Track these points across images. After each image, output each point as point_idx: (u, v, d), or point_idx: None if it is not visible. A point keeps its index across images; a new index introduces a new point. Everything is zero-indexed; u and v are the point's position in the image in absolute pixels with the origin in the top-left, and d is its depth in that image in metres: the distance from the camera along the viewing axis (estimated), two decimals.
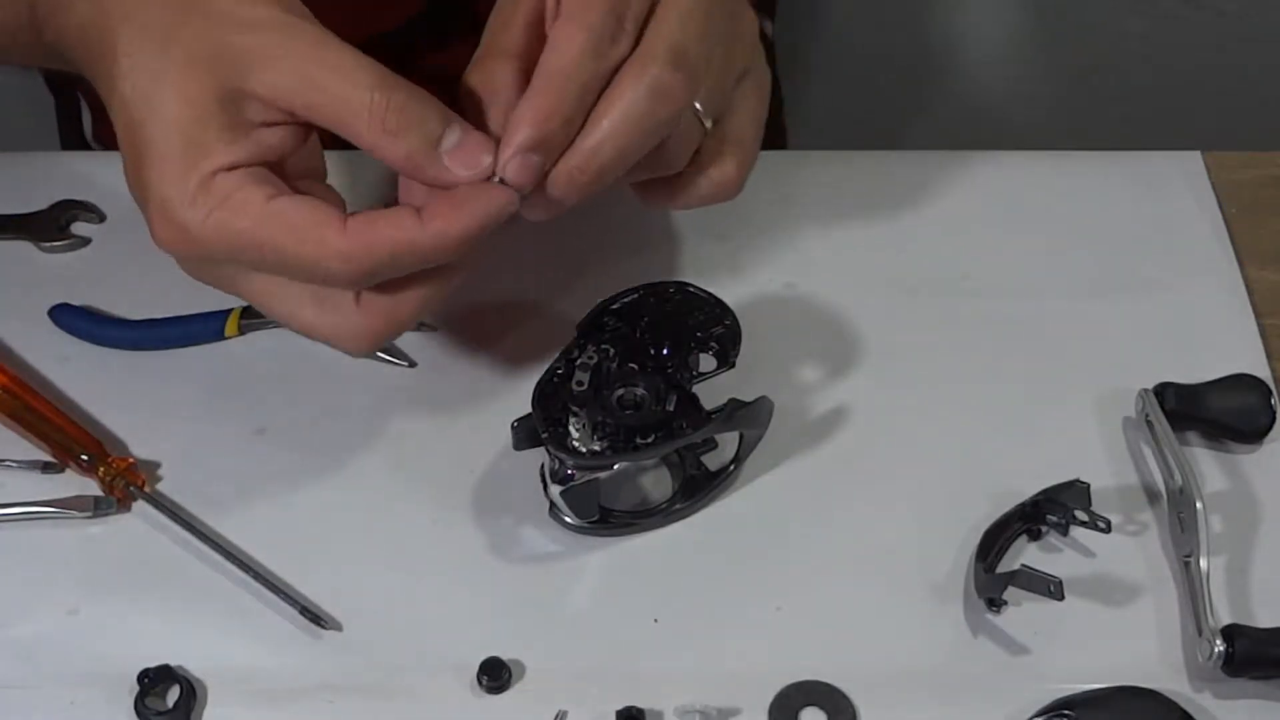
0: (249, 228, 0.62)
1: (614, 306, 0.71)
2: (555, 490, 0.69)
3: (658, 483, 0.73)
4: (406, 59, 0.83)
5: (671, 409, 0.68)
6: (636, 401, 0.68)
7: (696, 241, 0.82)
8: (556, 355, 0.70)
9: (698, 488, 0.72)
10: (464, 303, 0.79)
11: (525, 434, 0.70)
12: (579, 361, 0.69)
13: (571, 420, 0.68)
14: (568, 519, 0.70)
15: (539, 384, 0.69)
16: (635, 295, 0.71)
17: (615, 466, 0.68)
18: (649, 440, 0.68)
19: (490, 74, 0.67)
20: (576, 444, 0.67)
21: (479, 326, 0.79)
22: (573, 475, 0.68)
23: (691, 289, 0.72)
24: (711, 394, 0.69)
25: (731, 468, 0.72)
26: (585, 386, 0.68)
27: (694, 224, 0.82)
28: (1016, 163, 0.88)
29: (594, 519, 0.70)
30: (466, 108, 0.66)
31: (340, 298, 0.65)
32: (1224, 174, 0.86)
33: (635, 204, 0.71)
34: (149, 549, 0.71)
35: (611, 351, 0.70)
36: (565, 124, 0.63)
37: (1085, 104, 1.52)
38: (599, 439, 0.67)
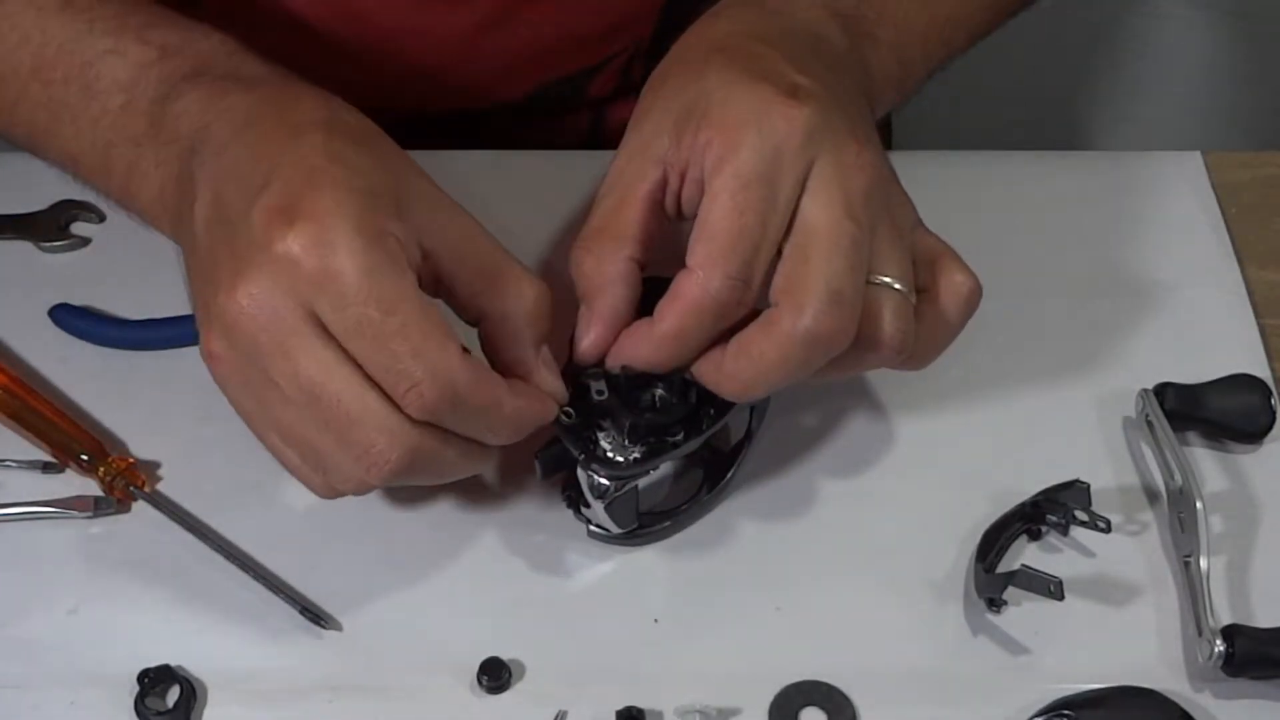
0: (398, 297, 0.60)
1: None
2: (599, 507, 0.68)
3: (680, 478, 0.73)
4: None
5: (694, 400, 0.67)
6: (657, 401, 0.67)
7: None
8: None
9: (720, 472, 0.72)
10: None
11: (551, 460, 0.69)
12: (587, 373, 0.67)
13: (601, 434, 0.67)
14: (610, 532, 0.70)
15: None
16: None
17: (658, 468, 0.67)
18: (679, 436, 0.67)
19: (602, 261, 0.66)
20: (614, 455, 0.67)
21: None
22: (616, 487, 0.67)
23: (665, 281, 0.71)
24: None
25: (747, 443, 0.72)
26: (606, 395, 0.67)
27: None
28: (1016, 163, 0.88)
29: (634, 526, 0.70)
30: (578, 286, 0.67)
31: (403, 407, 0.62)
32: (1224, 174, 0.86)
33: None
34: (149, 549, 0.71)
35: None
36: (675, 368, 0.66)
37: (1085, 104, 1.52)
38: (634, 445, 0.67)
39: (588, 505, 0.69)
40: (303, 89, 0.68)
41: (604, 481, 0.67)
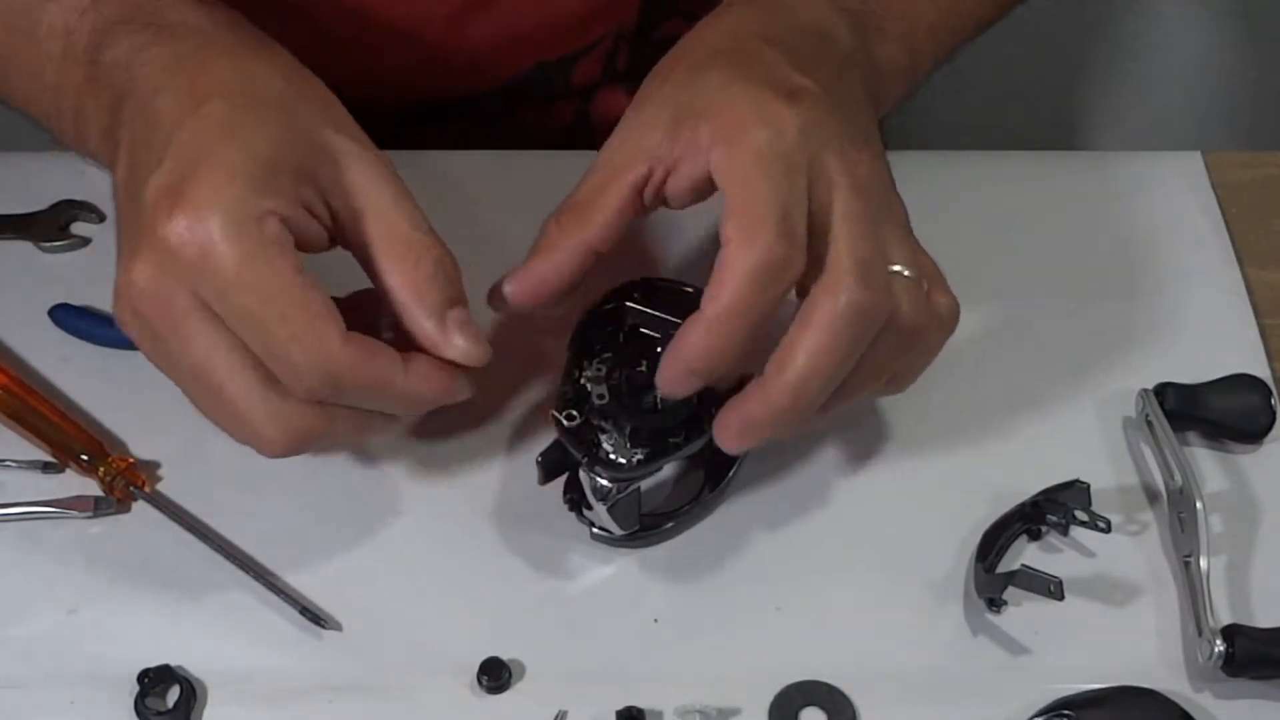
0: (276, 286, 0.61)
1: (593, 316, 0.70)
2: (601, 509, 0.68)
3: (682, 479, 0.73)
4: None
5: (695, 402, 0.67)
6: (659, 404, 0.67)
7: (696, 242, 0.82)
8: (560, 379, 0.69)
9: (722, 472, 0.71)
10: None
11: (553, 463, 0.69)
12: (588, 376, 0.68)
13: (602, 436, 0.67)
14: (613, 534, 0.70)
15: (556, 409, 0.68)
16: (611, 304, 0.71)
17: (660, 469, 0.67)
18: (681, 438, 0.67)
19: (564, 234, 0.67)
20: (616, 457, 0.67)
21: (478, 326, 0.78)
22: (612, 489, 0.67)
23: (660, 282, 0.72)
24: None
25: None
26: (608, 399, 0.67)
27: (693, 225, 0.82)
28: (1016, 163, 0.87)
29: (637, 528, 0.70)
30: (533, 245, 0.68)
31: (288, 390, 0.63)
32: (1224, 174, 0.86)
33: None
34: (149, 549, 0.71)
35: (614, 360, 0.69)
36: (736, 361, 0.64)
37: (1085, 104, 1.52)
38: (637, 447, 0.67)
39: (590, 507, 0.69)
40: (220, 43, 0.68)
41: (606, 484, 0.67)
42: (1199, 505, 0.69)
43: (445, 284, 0.65)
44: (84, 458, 0.72)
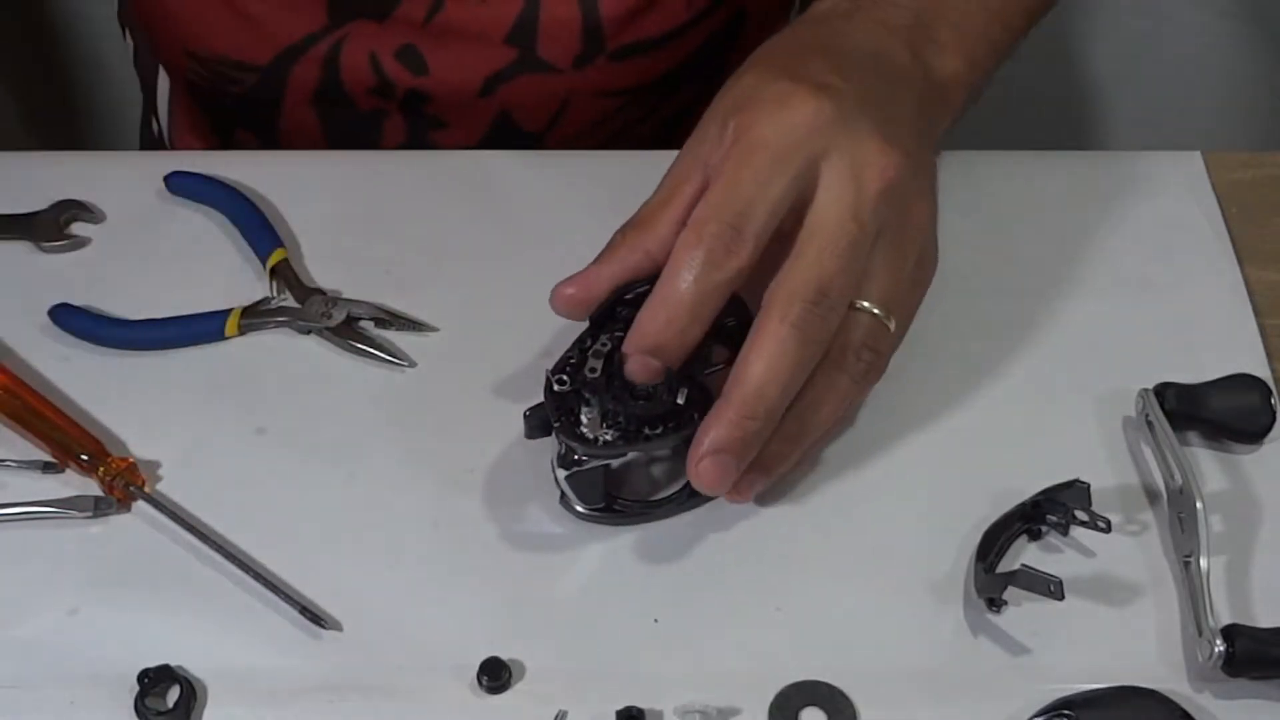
0: None
1: (628, 297, 0.70)
2: (561, 475, 0.69)
3: (669, 473, 0.73)
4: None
5: (682, 401, 0.68)
6: (648, 392, 0.68)
7: None
8: (570, 344, 0.70)
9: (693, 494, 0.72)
10: (463, 303, 0.79)
11: (538, 422, 0.70)
12: (592, 349, 0.69)
13: (584, 409, 0.67)
14: (576, 507, 0.70)
15: (552, 370, 0.69)
16: (649, 286, 0.70)
17: (626, 456, 0.68)
18: (658, 431, 0.68)
19: (627, 246, 0.70)
20: (586, 432, 0.67)
21: (479, 326, 0.79)
22: (580, 461, 0.68)
23: None
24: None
25: None
26: (599, 374, 0.68)
27: None
28: (1017, 163, 0.87)
29: (599, 505, 0.70)
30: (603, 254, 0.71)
31: None
32: (1224, 174, 0.86)
33: (638, 202, 0.71)
34: (149, 549, 0.71)
35: (622, 339, 0.69)
36: (682, 344, 0.67)
37: (1085, 104, 1.52)
38: (609, 428, 0.67)
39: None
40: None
41: (570, 453, 0.68)
42: (1199, 505, 0.69)
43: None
44: (84, 458, 0.72)
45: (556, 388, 0.68)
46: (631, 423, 0.67)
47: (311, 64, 0.92)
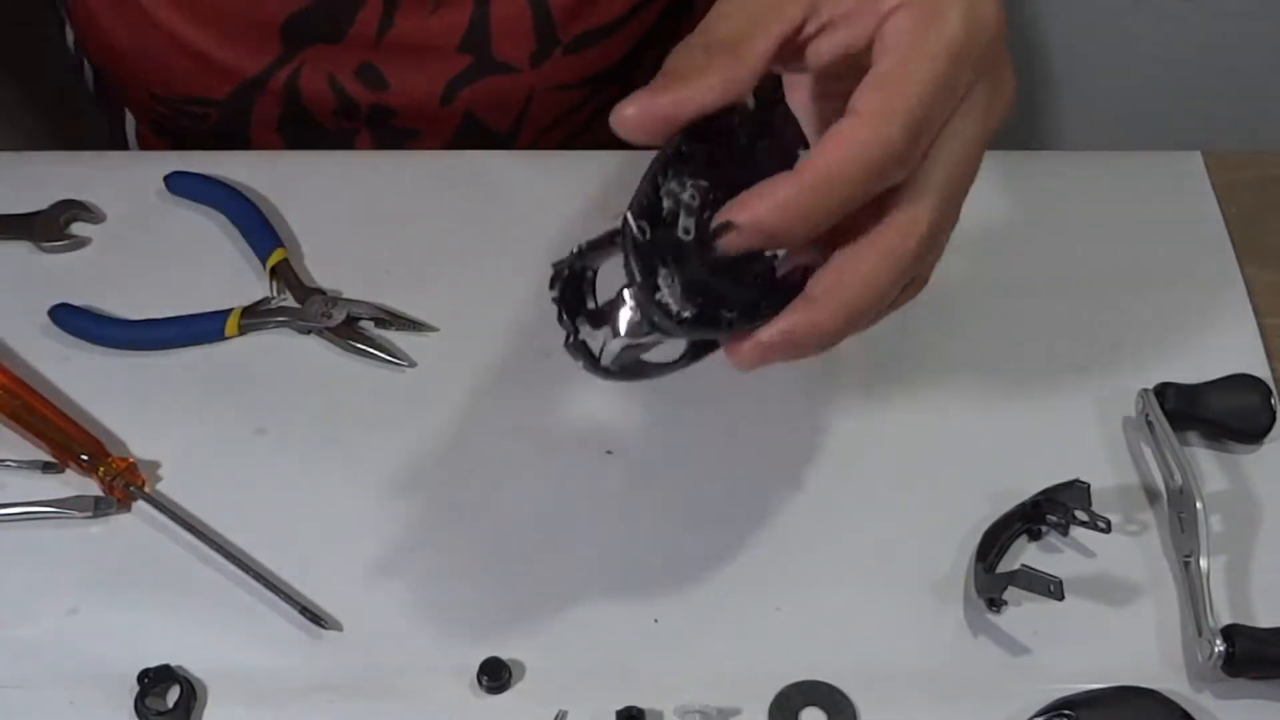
0: None
1: (703, 130, 0.56)
2: (617, 344, 0.57)
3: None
4: None
5: (764, 290, 0.56)
6: (738, 267, 0.55)
7: None
8: (642, 180, 0.55)
9: (707, 348, 0.60)
10: (463, 303, 0.79)
11: (572, 276, 0.58)
12: (682, 198, 0.55)
13: (663, 271, 0.54)
14: (603, 366, 0.58)
15: (634, 212, 0.54)
16: (714, 122, 0.57)
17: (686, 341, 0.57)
18: (734, 314, 0.56)
19: (712, 66, 0.57)
20: (668, 302, 0.54)
21: (479, 326, 0.79)
22: (649, 330, 0.56)
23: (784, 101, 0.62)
24: None
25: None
26: (691, 235, 0.55)
27: None
28: (1017, 163, 0.87)
29: (632, 373, 0.59)
30: (665, 70, 0.58)
31: None
32: (1224, 174, 0.86)
33: None
34: (149, 549, 0.71)
35: (709, 190, 0.56)
36: (806, 233, 0.56)
37: (1085, 104, 1.52)
38: (689, 303, 0.54)
39: (595, 327, 0.58)
40: None
41: (642, 320, 0.55)
42: (1199, 505, 0.69)
43: None
44: (84, 458, 0.72)
45: (640, 236, 0.54)
46: (710, 302, 0.55)
47: (272, 93, 0.91)
